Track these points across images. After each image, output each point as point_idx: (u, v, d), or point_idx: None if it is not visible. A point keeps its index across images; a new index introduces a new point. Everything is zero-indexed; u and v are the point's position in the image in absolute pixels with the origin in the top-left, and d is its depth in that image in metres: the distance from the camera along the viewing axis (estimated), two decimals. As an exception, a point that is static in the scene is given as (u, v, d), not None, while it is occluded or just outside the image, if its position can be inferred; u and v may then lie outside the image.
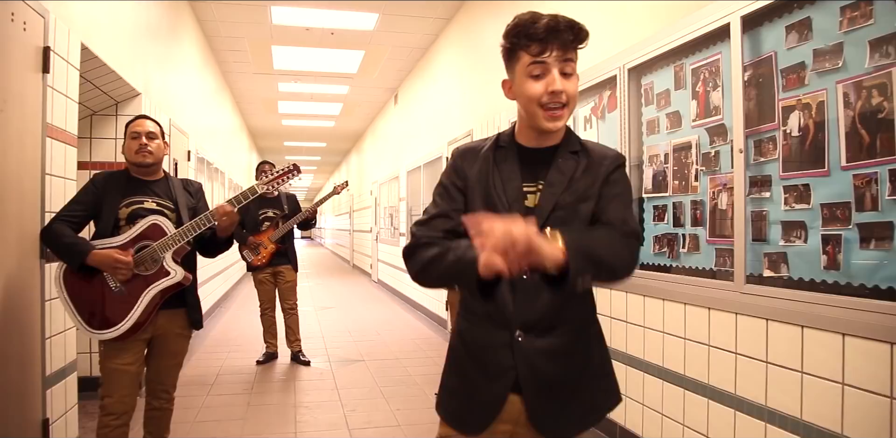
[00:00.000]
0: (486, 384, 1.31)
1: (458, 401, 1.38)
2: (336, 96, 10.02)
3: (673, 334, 2.64)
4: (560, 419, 1.31)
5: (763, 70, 2.19)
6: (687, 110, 2.62)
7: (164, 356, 2.41)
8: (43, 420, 2.44)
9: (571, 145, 1.36)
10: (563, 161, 1.33)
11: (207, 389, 4.07)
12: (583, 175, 1.32)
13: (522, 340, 1.28)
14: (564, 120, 1.28)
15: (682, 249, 2.66)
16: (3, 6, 2.17)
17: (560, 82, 1.23)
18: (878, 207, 1.78)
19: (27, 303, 2.34)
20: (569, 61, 1.24)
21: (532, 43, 1.22)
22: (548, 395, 1.30)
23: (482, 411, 1.31)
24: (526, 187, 1.32)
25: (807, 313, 1.96)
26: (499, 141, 1.38)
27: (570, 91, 1.24)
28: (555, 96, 1.23)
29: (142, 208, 2.34)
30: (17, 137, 2.27)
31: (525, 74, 1.25)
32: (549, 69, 1.23)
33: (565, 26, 1.21)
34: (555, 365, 1.30)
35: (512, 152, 1.35)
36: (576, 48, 1.26)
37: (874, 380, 1.74)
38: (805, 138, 2.02)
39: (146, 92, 4.08)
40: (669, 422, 2.66)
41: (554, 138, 1.35)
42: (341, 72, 8.44)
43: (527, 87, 1.25)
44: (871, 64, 1.79)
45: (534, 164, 1.34)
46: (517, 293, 1.29)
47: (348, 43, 7.09)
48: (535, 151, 1.35)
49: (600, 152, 1.37)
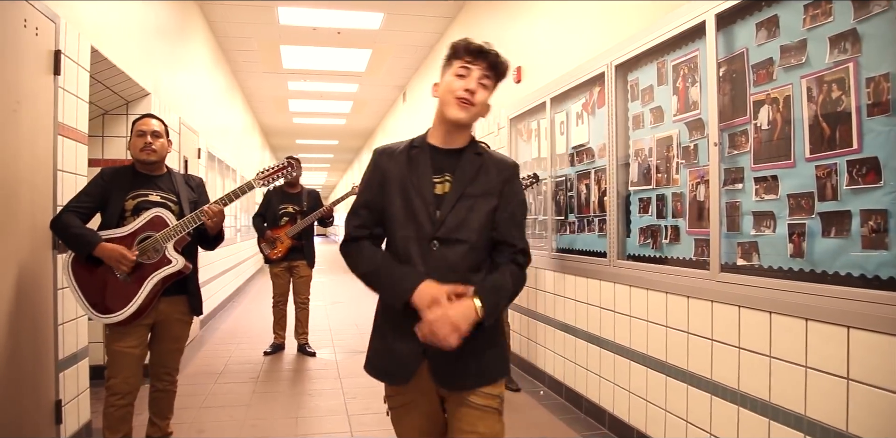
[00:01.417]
0: (403, 343, 1.52)
1: (380, 359, 1.59)
2: (345, 94, 10.17)
3: (656, 322, 2.73)
4: (455, 375, 1.51)
5: (736, 66, 2.28)
6: (668, 105, 2.71)
7: (166, 341, 2.55)
8: (56, 401, 2.59)
9: (475, 149, 1.62)
10: (469, 160, 1.59)
11: (215, 377, 4.22)
12: (486, 172, 1.58)
13: None
14: (469, 114, 1.52)
15: (664, 240, 2.75)
16: (17, 12, 2.31)
17: (475, 84, 1.51)
18: (837, 196, 1.86)
19: (40, 291, 2.49)
20: (487, 77, 1.52)
21: (468, 55, 1.53)
22: (445, 354, 1.46)
23: (402, 365, 1.52)
24: (435, 179, 1.57)
25: (773, 299, 2.04)
26: (413, 142, 1.63)
27: (480, 97, 1.52)
28: (468, 93, 1.50)
29: (146, 201, 2.48)
30: (30, 136, 2.42)
31: (452, 74, 1.53)
32: (472, 74, 1.51)
33: (494, 54, 1.53)
34: None
35: (424, 151, 1.59)
36: (496, 72, 1.54)
37: (834, 362, 1.83)
38: (773, 132, 2.10)
39: (155, 92, 4.23)
40: (654, 408, 2.75)
41: (461, 141, 1.60)
42: (349, 70, 8.57)
43: (451, 82, 1.52)
44: (831, 59, 1.87)
45: (442, 161, 1.58)
46: (428, 264, 1.50)
47: (355, 42, 7.22)
48: (444, 151, 1.59)
49: (499, 157, 1.65)
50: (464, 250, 1.52)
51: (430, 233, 1.50)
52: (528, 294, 4.28)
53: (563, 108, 3.81)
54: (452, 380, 1.52)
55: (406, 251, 1.52)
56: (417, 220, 1.52)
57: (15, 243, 2.30)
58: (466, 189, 1.54)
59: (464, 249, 1.52)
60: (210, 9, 6.03)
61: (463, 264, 1.51)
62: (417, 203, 1.53)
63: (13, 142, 2.29)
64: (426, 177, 1.55)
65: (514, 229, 1.59)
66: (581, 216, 3.57)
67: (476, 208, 1.54)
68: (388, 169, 1.58)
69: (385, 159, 1.60)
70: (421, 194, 1.53)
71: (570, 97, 3.71)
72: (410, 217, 1.53)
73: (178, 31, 5.07)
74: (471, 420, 1.52)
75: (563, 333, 3.68)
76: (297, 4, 5.99)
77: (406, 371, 1.52)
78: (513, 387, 3.93)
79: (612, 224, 3.13)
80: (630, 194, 3.04)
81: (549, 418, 3.40)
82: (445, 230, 1.51)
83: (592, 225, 3.43)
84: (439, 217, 1.51)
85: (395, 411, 1.60)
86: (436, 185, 1.55)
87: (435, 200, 1.53)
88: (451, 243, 1.51)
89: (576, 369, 3.53)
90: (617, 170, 3.10)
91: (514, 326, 4.43)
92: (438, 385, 1.52)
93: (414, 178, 1.55)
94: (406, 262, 1.52)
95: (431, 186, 1.55)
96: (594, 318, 3.31)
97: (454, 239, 1.51)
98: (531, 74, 4.29)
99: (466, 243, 1.52)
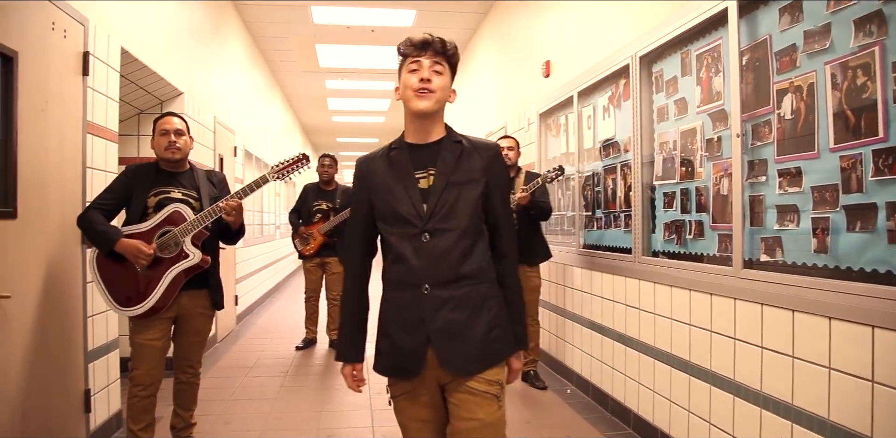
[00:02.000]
0: (407, 336, 1.55)
1: (387, 357, 1.60)
2: (383, 92, 10.23)
3: (680, 320, 2.65)
4: (463, 359, 1.53)
5: (759, 54, 2.18)
6: (692, 97, 2.62)
7: (188, 334, 2.61)
8: (85, 390, 2.69)
9: (454, 138, 1.63)
10: (448, 149, 1.60)
11: (246, 371, 4.31)
12: (468, 158, 1.60)
13: (428, 292, 1.52)
14: (431, 102, 1.53)
15: (688, 235, 2.66)
16: (45, 16, 2.40)
17: (429, 73, 1.52)
18: (862, 188, 1.76)
19: (69, 285, 2.59)
20: (438, 64, 1.54)
21: (413, 50, 1.55)
22: (451, 338, 1.52)
23: (410, 358, 1.54)
24: (418, 175, 1.59)
25: (796, 297, 1.95)
26: (392, 145, 1.65)
27: (438, 83, 1.53)
28: (423, 83, 1.51)
29: (168, 198, 2.54)
30: (58, 135, 2.51)
31: (406, 71, 1.55)
32: (422, 65, 1.53)
33: (438, 41, 1.55)
34: (455, 312, 1.53)
35: (403, 151, 1.61)
36: (447, 57, 1.56)
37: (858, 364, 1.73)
38: (797, 121, 2.01)
39: (189, 91, 4.34)
40: (677, 409, 2.67)
41: (436, 133, 1.61)
42: (385, 68, 8.61)
43: (406, 78, 1.55)
44: (856, 43, 1.77)
45: (423, 156, 1.60)
46: (421, 257, 1.53)
47: (389, 40, 7.24)
48: (423, 147, 1.61)
49: (479, 141, 1.66)
50: (454, 237, 1.54)
51: (420, 226, 1.53)
52: (557, 291, 4.22)
53: (590, 102, 3.73)
54: (460, 364, 1.53)
55: (399, 250, 1.56)
56: (406, 217, 1.55)
57: (44, 238, 2.40)
58: (451, 178, 1.56)
59: (454, 236, 1.54)
60: (245, 9, 6.15)
61: (454, 252, 1.53)
62: (403, 203, 1.56)
63: (41, 140, 2.38)
64: (408, 175, 1.58)
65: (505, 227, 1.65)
66: (608, 212, 3.49)
67: (463, 196, 1.56)
68: (371, 179, 1.63)
69: (366, 170, 1.65)
70: (405, 192, 1.56)
71: (596, 91, 3.63)
72: (399, 218, 1.56)
73: (214, 32, 5.19)
74: (470, 406, 1.52)
75: (591, 331, 3.61)
76: (330, 3, 6.05)
77: (415, 364, 1.54)
78: (540, 385, 3.88)
79: (636, 220, 3.05)
80: (655, 189, 2.95)
81: (573, 417, 3.34)
82: (434, 222, 1.53)
83: (619, 221, 3.35)
84: (426, 210, 1.54)
85: (397, 400, 1.62)
86: (420, 180, 1.58)
87: (421, 195, 1.56)
88: (442, 233, 1.53)
89: (602, 367, 3.46)
90: (642, 164, 3.02)
91: (543, 323, 4.37)
92: (447, 369, 1.52)
93: (396, 179, 1.58)
94: (399, 261, 1.56)
95: (415, 182, 1.57)
96: (620, 315, 3.23)
97: (443, 229, 1.54)
98: (559, 68, 4.22)
99: (456, 230, 1.54)
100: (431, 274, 1.52)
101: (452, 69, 1.58)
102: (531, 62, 4.79)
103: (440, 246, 1.52)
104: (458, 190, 1.56)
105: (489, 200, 1.61)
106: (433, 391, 1.58)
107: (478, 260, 1.57)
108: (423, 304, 1.52)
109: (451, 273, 1.52)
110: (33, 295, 2.31)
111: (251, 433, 3.09)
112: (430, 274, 1.52)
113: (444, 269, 1.52)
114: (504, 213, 1.66)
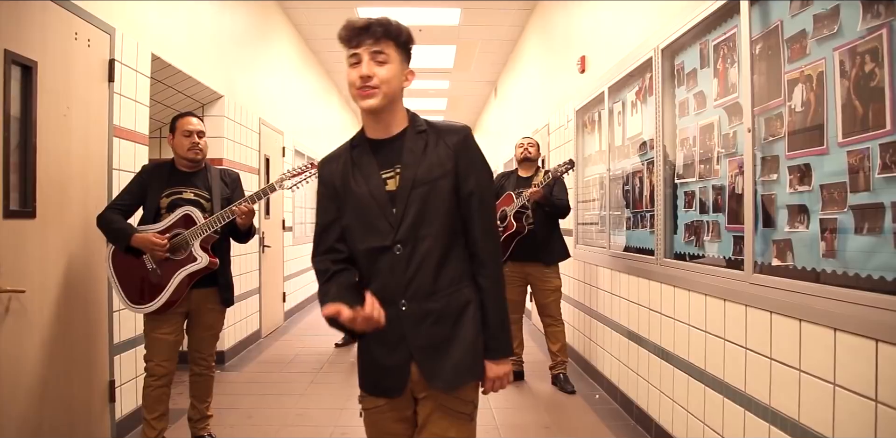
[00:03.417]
0: (389, 354, 1.45)
1: (373, 375, 1.52)
2: (439, 91, 10.25)
3: (696, 327, 2.50)
4: (449, 371, 1.43)
5: (771, 42, 2.01)
6: (710, 90, 2.46)
7: (200, 328, 2.70)
8: (109, 381, 2.83)
9: (418, 127, 1.48)
10: (412, 142, 1.46)
11: (282, 367, 4.43)
12: (434, 149, 1.45)
13: (407, 308, 1.42)
14: (377, 99, 1.38)
15: (706, 237, 2.50)
16: (66, 27, 2.53)
17: (369, 68, 1.37)
18: (870, 187, 1.59)
19: (93, 280, 2.73)
20: (380, 53, 1.38)
21: (351, 39, 1.39)
22: (434, 353, 1.43)
23: (393, 376, 1.45)
24: (384, 174, 1.45)
25: (803, 305, 1.79)
26: (352, 142, 1.51)
27: (381, 75, 1.37)
28: (364, 80, 1.37)
29: (180, 199, 2.63)
30: (82, 138, 2.65)
31: (347, 65, 1.41)
32: (361, 58, 1.38)
33: (376, 23, 1.38)
34: (436, 326, 1.43)
35: (365, 148, 1.48)
36: (390, 38, 1.39)
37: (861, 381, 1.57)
38: (807, 114, 1.84)
39: (229, 93, 4.49)
40: (693, 420, 2.52)
41: (397, 124, 1.47)
42: (438, 67, 8.63)
43: (347, 73, 1.41)
44: (864, 26, 1.60)
45: (387, 153, 1.46)
46: (395, 272, 1.42)
47: (437, 38, 7.25)
48: (386, 142, 1.47)
49: (446, 125, 1.51)
50: (428, 245, 1.41)
51: (391, 237, 1.40)
52: (586, 291, 4.10)
53: (619, 97, 3.59)
54: (447, 379, 1.43)
55: (370, 265, 1.44)
56: (375, 226, 1.42)
57: (64, 236, 2.54)
58: (418, 176, 1.42)
59: (428, 244, 1.41)
60: (293, 13, 6.30)
61: (429, 263, 1.41)
62: (371, 209, 1.42)
63: (63, 144, 2.52)
64: (374, 176, 1.44)
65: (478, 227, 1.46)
66: (635, 212, 3.34)
67: (434, 195, 1.41)
68: (334, 180, 1.49)
69: (328, 171, 1.51)
70: (372, 198, 1.42)
71: (625, 86, 3.48)
72: (368, 227, 1.43)
73: (260, 35, 5.35)
74: (444, 424, 1.45)
75: (618, 334, 3.48)
76: (375, 4, 6.11)
77: (399, 382, 1.45)
78: (569, 389, 3.77)
79: (659, 220, 2.90)
80: (677, 188, 2.80)
81: (596, 424, 3.22)
82: (405, 229, 1.40)
83: (645, 221, 3.20)
84: (396, 215, 1.40)
85: (369, 413, 1.53)
86: (387, 181, 1.43)
87: (389, 198, 1.42)
88: (415, 242, 1.40)
89: (628, 373, 3.32)
90: (664, 161, 2.87)
91: (573, 321, 4.25)
92: (433, 385, 1.43)
93: (362, 182, 1.44)
94: (372, 277, 1.44)
95: (382, 184, 1.43)
96: (644, 320, 3.09)
97: (416, 237, 1.41)
98: (593, 63, 4.08)
99: (429, 237, 1.41)
100: (407, 289, 1.41)
101: (404, 50, 1.42)
102: (569, 58, 4.66)
103: (415, 258, 1.40)
104: (428, 189, 1.41)
105: (460, 190, 1.44)
106: (407, 406, 1.50)
107: (455, 266, 1.45)
108: (403, 320, 1.41)
109: (429, 286, 1.41)
110: (54, 290, 2.45)
111: (270, 427, 3.16)
112: (406, 290, 1.41)
113: (421, 282, 1.41)
114: (479, 203, 1.46)
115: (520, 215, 3.70)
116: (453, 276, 1.44)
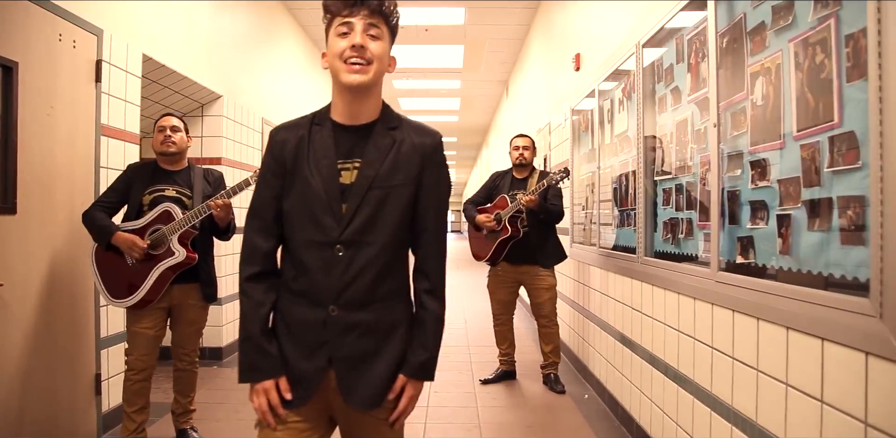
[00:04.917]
0: (304, 360, 1.32)
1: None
2: (451, 91, 10.26)
3: (671, 326, 2.46)
4: (368, 388, 1.32)
5: (736, 34, 1.98)
6: (684, 84, 2.42)
7: (182, 324, 2.75)
8: (96, 374, 2.89)
9: (389, 122, 1.36)
10: (380, 138, 1.34)
11: (279, 363, 4.46)
12: (402, 152, 1.34)
13: (336, 314, 1.30)
14: (369, 75, 1.27)
15: (680, 234, 2.47)
16: (50, 29, 2.59)
17: (363, 38, 1.25)
18: (820, 181, 1.55)
19: (79, 275, 2.79)
20: (374, 26, 1.27)
21: (343, 7, 1.27)
22: (356, 367, 1.32)
23: (302, 384, 1.32)
24: (341, 164, 1.32)
25: (760, 304, 1.75)
26: (315, 118, 1.37)
27: (374, 50, 1.27)
28: (356, 50, 1.25)
29: (162, 196, 2.67)
30: (67, 136, 2.71)
31: (335, 34, 1.28)
32: (354, 27, 1.26)
33: None
34: (364, 338, 1.32)
35: (327, 130, 1.34)
36: (384, 16, 1.29)
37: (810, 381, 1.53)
38: (766, 107, 1.80)
39: (228, 94, 4.55)
40: (668, 421, 2.48)
41: (368, 113, 1.35)
42: (448, 67, 8.64)
43: (333, 44, 1.28)
44: (814, 16, 1.56)
45: (350, 141, 1.34)
46: (332, 274, 1.29)
47: (444, 38, 7.25)
48: (351, 129, 1.34)
49: (418, 127, 1.39)
50: (372, 253, 1.30)
51: (334, 236, 1.28)
52: (579, 290, 4.06)
53: (609, 95, 3.55)
54: (365, 396, 1.32)
55: (303, 259, 1.31)
56: (319, 220, 1.29)
57: (49, 231, 2.60)
58: (378, 177, 1.30)
59: (372, 252, 1.30)
60: (299, 14, 6.36)
61: (370, 271, 1.30)
62: (319, 198, 1.29)
63: (47, 142, 2.58)
64: (329, 164, 1.31)
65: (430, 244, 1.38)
66: (622, 210, 3.30)
67: (390, 201, 1.31)
68: (285, 155, 1.33)
69: (281, 140, 1.35)
70: (322, 186, 1.29)
71: (613, 83, 3.44)
72: (310, 217, 1.30)
73: (265, 36, 5.42)
74: (379, 427, 1.37)
75: (606, 333, 3.44)
76: (379, 5, 6.13)
77: (306, 392, 1.31)
78: (558, 389, 3.74)
79: (640, 218, 2.86)
80: (657, 185, 2.76)
81: (580, 424, 3.19)
82: (352, 232, 1.28)
83: (630, 219, 3.16)
84: (345, 212, 1.28)
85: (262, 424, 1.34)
86: (342, 172, 1.31)
87: (341, 192, 1.30)
88: (359, 246, 1.29)
89: (615, 374, 3.28)
90: (644, 158, 2.83)
91: (568, 321, 4.21)
92: (347, 400, 1.31)
93: (314, 166, 1.30)
94: (303, 273, 1.31)
95: (336, 174, 1.30)
96: (627, 319, 3.05)
97: (361, 241, 1.29)
98: (587, 60, 4.04)
99: (375, 245, 1.30)
100: (341, 295, 1.29)
101: (392, 33, 1.32)
102: (566, 56, 4.63)
103: (356, 264, 1.29)
104: (385, 194, 1.30)
105: (418, 203, 1.35)
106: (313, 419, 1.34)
107: (396, 279, 1.36)
108: (329, 326, 1.30)
109: (364, 296, 1.30)
110: (36, 284, 2.52)
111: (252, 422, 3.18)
112: (339, 295, 1.29)
113: (357, 290, 1.29)
114: (435, 219, 1.38)
115: (514, 219, 3.69)
116: (391, 289, 1.35)
